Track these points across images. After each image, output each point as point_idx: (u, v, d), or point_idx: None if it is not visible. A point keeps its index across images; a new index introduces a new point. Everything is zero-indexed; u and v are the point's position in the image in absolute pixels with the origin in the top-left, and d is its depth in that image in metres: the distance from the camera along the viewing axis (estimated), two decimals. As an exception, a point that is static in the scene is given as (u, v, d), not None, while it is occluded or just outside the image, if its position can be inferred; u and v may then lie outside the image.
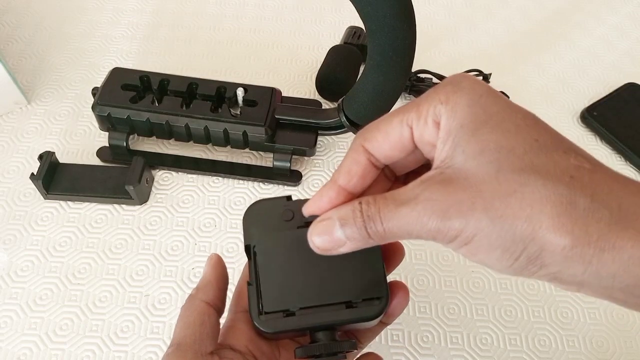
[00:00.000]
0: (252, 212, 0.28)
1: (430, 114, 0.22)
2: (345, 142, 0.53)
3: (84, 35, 0.61)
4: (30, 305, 0.41)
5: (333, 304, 0.26)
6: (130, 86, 0.48)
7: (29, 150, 0.50)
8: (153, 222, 0.46)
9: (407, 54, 0.39)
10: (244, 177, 0.49)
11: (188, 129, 0.47)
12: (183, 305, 0.27)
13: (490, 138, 0.20)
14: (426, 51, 0.64)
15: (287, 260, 0.27)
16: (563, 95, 0.61)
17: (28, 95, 0.54)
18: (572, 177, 0.19)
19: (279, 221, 0.27)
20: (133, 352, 0.39)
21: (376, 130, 0.23)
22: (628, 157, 0.54)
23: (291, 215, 0.27)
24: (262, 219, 0.28)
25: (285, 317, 0.26)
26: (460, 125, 0.21)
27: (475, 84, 0.22)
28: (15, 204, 0.47)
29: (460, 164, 0.21)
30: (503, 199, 0.19)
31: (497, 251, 0.20)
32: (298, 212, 0.27)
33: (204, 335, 0.26)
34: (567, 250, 0.19)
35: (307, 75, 0.60)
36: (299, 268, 0.26)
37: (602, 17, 0.71)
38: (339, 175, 0.24)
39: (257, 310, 0.26)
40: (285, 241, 0.27)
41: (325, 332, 0.26)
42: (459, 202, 0.20)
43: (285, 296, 0.26)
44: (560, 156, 0.20)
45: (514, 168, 0.20)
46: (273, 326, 0.26)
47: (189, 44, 0.62)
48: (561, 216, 0.19)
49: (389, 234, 0.22)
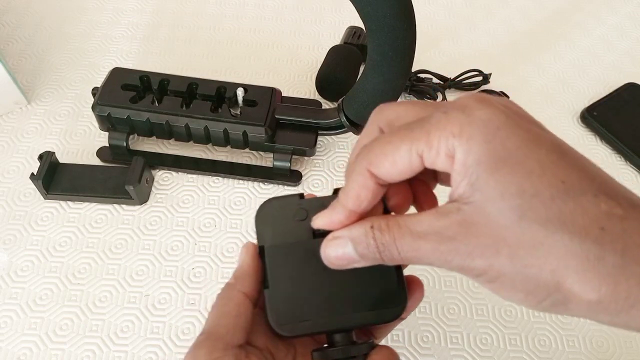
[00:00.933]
0: (264, 211, 0.27)
1: (443, 147, 0.20)
2: (345, 142, 0.53)
3: (84, 35, 0.61)
4: (30, 305, 0.41)
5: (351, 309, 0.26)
6: (130, 86, 0.48)
7: (29, 150, 0.50)
8: (153, 222, 0.46)
9: (407, 54, 0.39)
10: (244, 177, 0.49)
11: (188, 129, 0.47)
12: (220, 294, 0.27)
13: (512, 180, 0.19)
14: (426, 51, 0.64)
15: (302, 264, 0.26)
16: (563, 95, 0.61)
17: (28, 95, 0.54)
18: (602, 228, 0.18)
19: (292, 221, 0.27)
20: (133, 352, 0.39)
21: (382, 155, 0.22)
22: (628, 157, 0.54)
23: (305, 214, 0.27)
24: (275, 219, 0.27)
25: (303, 321, 0.26)
26: (477, 162, 0.20)
27: (492, 113, 0.20)
28: (15, 204, 0.47)
29: (480, 204, 0.20)
30: (528, 250, 0.19)
31: (521, 293, 0.20)
32: (312, 211, 0.26)
33: (238, 327, 0.25)
34: (593, 304, 0.18)
35: (307, 75, 0.60)
36: (314, 272, 0.26)
37: (602, 17, 0.71)
38: (347, 200, 0.23)
39: (274, 315, 0.26)
40: (299, 245, 0.27)
41: (342, 334, 0.26)
42: (482, 246, 0.19)
43: (302, 302, 0.26)
44: (589, 201, 0.19)
45: (539, 218, 0.19)
46: (291, 330, 0.26)
47: (189, 44, 0.62)
48: (588, 272, 0.18)
49: (405, 260, 0.22)
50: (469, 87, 0.59)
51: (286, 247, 0.27)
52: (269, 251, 0.27)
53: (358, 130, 0.46)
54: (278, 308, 0.26)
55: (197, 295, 0.42)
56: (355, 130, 0.46)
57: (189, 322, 0.41)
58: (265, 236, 0.27)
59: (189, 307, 0.42)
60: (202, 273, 0.44)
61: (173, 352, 0.40)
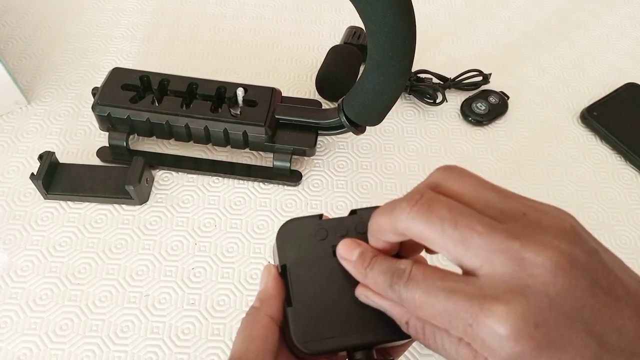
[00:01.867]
0: (285, 230, 0.28)
1: (481, 333, 0.20)
2: (345, 142, 0.53)
3: (84, 35, 0.61)
4: (30, 305, 0.41)
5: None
6: (130, 86, 0.48)
7: (29, 150, 0.50)
8: (153, 222, 0.46)
9: (407, 54, 0.39)
10: (244, 177, 0.49)
11: (188, 129, 0.47)
12: (245, 318, 0.27)
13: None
14: (426, 51, 0.64)
15: (324, 282, 0.27)
16: (563, 95, 0.61)
17: (28, 95, 0.54)
18: None
19: (313, 240, 0.27)
20: (133, 352, 0.39)
21: (426, 297, 0.22)
22: (628, 157, 0.54)
23: (325, 234, 0.28)
24: (296, 238, 0.28)
25: (326, 338, 0.26)
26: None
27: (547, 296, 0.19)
28: (15, 204, 0.47)
29: None
30: None
31: None
32: (332, 231, 0.27)
33: (266, 351, 0.25)
34: None
35: (307, 75, 0.60)
36: (336, 290, 0.26)
37: (602, 17, 0.71)
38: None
39: (299, 333, 0.26)
40: (321, 263, 0.27)
41: (364, 351, 0.26)
42: None
43: (324, 320, 0.26)
44: None
45: None
46: (315, 347, 0.26)
47: (189, 44, 0.62)
48: None
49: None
50: (469, 87, 0.59)
51: (308, 265, 0.27)
52: (292, 270, 0.27)
53: (358, 130, 0.46)
54: (301, 326, 0.26)
55: (197, 295, 0.42)
56: (355, 130, 0.46)
57: (189, 322, 0.41)
58: (287, 255, 0.27)
59: (189, 307, 0.42)
60: (202, 273, 0.44)
61: (173, 352, 0.40)
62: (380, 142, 0.54)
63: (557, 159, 0.54)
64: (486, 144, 0.55)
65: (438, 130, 0.56)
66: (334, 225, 0.28)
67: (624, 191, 0.52)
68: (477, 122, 0.56)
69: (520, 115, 0.58)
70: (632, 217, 0.50)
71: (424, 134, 0.55)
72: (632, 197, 0.52)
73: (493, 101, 0.57)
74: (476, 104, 0.57)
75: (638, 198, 0.52)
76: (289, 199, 0.49)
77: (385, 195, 0.50)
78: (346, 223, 0.28)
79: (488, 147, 0.55)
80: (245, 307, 0.42)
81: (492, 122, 0.57)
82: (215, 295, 0.43)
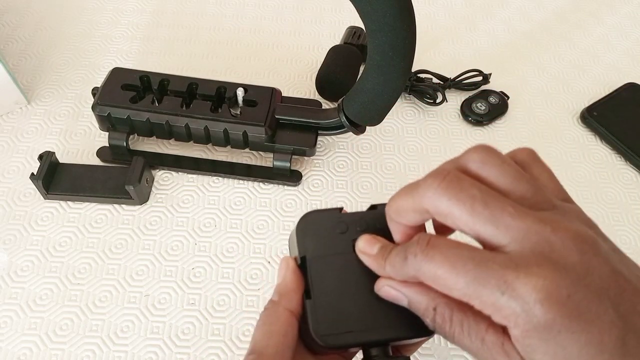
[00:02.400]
0: (305, 222, 0.28)
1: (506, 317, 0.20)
2: (345, 142, 0.53)
3: (84, 35, 0.61)
4: (30, 305, 0.41)
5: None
6: (130, 86, 0.48)
7: (29, 150, 0.50)
8: (153, 222, 0.46)
9: (407, 54, 0.39)
10: (244, 177, 0.49)
11: (188, 129, 0.47)
12: (264, 312, 0.26)
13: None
14: (426, 51, 0.64)
15: (343, 276, 0.27)
16: (563, 95, 0.61)
17: (28, 95, 0.54)
18: None
19: (333, 233, 0.27)
20: (133, 352, 0.39)
21: (446, 262, 0.22)
22: (628, 157, 0.54)
23: (345, 227, 0.27)
24: (316, 230, 0.27)
25: (345, 333, 0.26)
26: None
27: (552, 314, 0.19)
28: (15, 204, 0.47)
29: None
30: None
31: None
32: (352, 225, 0.27)
33: (286, 347, 0.25)
34: None
35: (307, 75, 0.60)
36: (355, 285, 0.26)
37: (602, 17, 0.71)
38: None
39: (317, 325, 0.26)
40: (341, 257, 0.27)
41: (380, 347, 0.26)
42: None
43: (343, 314, 0.26)
44: None
45: None
46: (333, 341, 0.25)
47: (189, 44, 0.62)
48: None
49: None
50: (469, 87, 0.59)
51: (328, 258, 0.27)
52: (312, 262, 0.27)
53: (358, 130, 0.46)
54: (320, 319, 0.26)
55: (197, 295, 0.42)
56: (355, 130, 0.46)
57: (189, 322, 0.41)
58: (307, 247, 0.27)
59: (189, 307, 0.42)
60: (202, 273, 0.44)
61: (173, 352, 0.40)
62: (380, 142, 0.54)
63: (557, 159, 0.54)
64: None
65: (438, 130, 0.56)
66: (354, 220, 0.27)
67: (624, 191, 0.52)
68: (477, 122, 0.56)
69: (520, 115, 0.58)
70: (632, 217, 0.50)
71: (424, 134, 0.55)
72: (632, 197, 0.52)
73: (493, 101, 0.57)
74: (476, 104, 0.57)
75: (638, 198, 0.52)
76: (289, 199, 0.49)
77: (386, 195, 0.50)
78: (366, 217, 0.28)
79: (488, 147, 0.54)
80: (246, 307, 0.42)
81: (492, 122, 0.57)
82: (215, 295, 0.43)
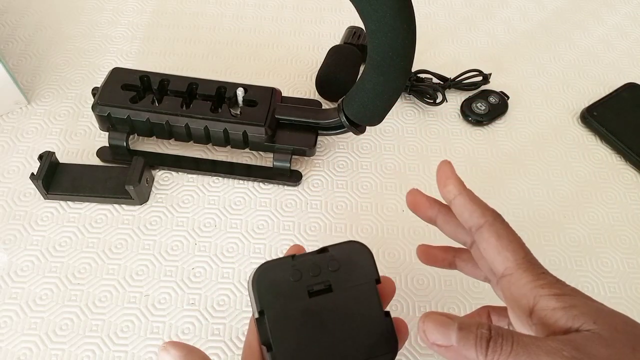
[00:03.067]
0: (259, 275, 0.28)
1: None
2: (345, 142, 0.53)
3: (84, 35, 0.61)
4: (30, 305, 0.41)
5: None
6: (130, 86, 0.48)
7: (29, 150, 0.50)
8: (153, 222, 0.46)
9: (407, 54, 0.39)
10: (244, 177, 0.49)
11: (188, 129, 0.47)
12: None
13: None
14: (426, 51, 0.64)
15: (302, 323, 0.27)
16: (563, 95, 0.61)
17: (28, 95, 0.54)
18: None
19: (288, 282, 0.28)
20: (133, 352, 0.39)
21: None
22: (628, 157, 0.54)
23: (299, 275, 0.28)
24: (272, 282, 0.28)
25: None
26: None
27: None
28: (15, 204, 0.47)
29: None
30: None
31: None
32: (305, 271, 0.28)
33: None
34: None
35: (307, 75, 0.60)
36: (314, 329, 0.27)
37: (602, 17, 0.71)
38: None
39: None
40: (298, 305, 0.28)
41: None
42: None
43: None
44: None
45: None
46: None
47: (189, 44, 0.62)
48: None
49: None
50: (469, 87, 0.59)
51: (286, 308, 0.28)
52: (271, 314, 0.27)
53: (358, 130, 0.46)
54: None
55: (197, 295, 0.42)
56: (355, 130, 0.46)
57: (189, 322, 0.41)
58: (265, 300, 0.28)
59: (189, 307, 0.42)
60: (202, 273, 0.44)
61: (173, 352, 0.40)
62: (380, 142, 0.54)
63: (557, 159, 0.54)
64: (486, 144, 0.55)
65: (438, 130, 0.56)
66: (306, 266, 0.28)
67: (624, 191, 0.52)
68: (477, 122, 0.56)
69: (520, 115, 0.58)
70: (632, 217, 0.50)
71: (424, 134, 0.55)
72: (632, 197, 0.52)
73: (493, 101, 0.57)
74: (476, 104, 0.57)
75: (638, 198, 0.52)
76: (289, 199, 0.49)
77: (386, 195, 0.50)
78: (319, 262, 0.29)
79: (488, 147, 0.55)
80: (246, 307, 0.42)
81: (492, 122, 0.57)
82: (215, 295, 0.43)
